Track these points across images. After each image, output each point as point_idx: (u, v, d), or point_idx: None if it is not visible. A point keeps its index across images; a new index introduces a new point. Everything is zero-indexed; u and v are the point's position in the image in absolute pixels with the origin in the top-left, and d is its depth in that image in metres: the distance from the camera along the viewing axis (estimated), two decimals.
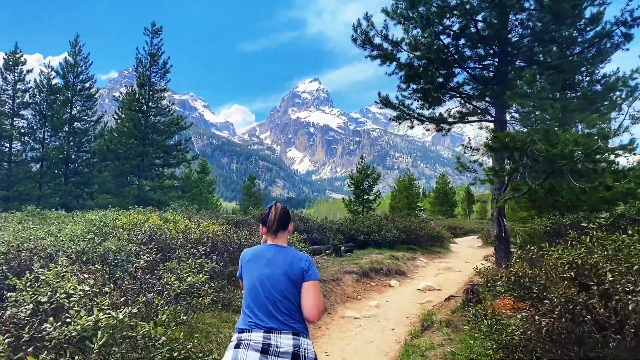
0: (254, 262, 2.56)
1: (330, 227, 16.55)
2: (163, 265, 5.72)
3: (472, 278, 10.68)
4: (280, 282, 2.44)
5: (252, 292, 2.47)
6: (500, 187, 8.73)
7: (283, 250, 2.61)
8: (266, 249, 2.61)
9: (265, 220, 2.73)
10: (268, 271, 2.48)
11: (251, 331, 2.35)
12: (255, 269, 2.52)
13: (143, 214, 10.77)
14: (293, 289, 2.46)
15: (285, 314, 2.39)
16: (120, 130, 25.97)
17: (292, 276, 2.47)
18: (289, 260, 2.53)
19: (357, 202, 42.97)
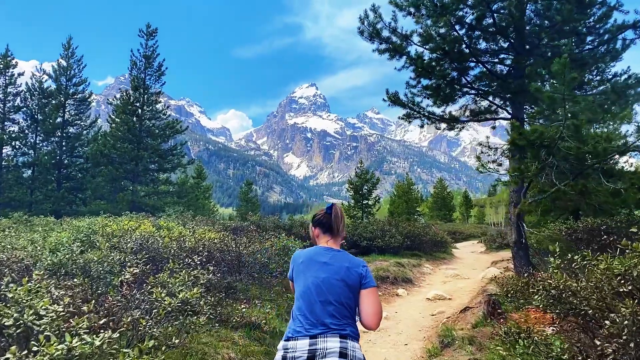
0: (309, 264, 2.47)
1: None
2: (153, 278, 5.08)
3: (485, 287, 10.05)
4: (337, 287, 2.37)
5: (306, 295, 2.39)
6: (519, 189, 8.13)
7: (339, 254, 2.51)
8: (321, 252, 2.52)
9: (320, 221, 2.65)
10: (324, 275, 2.39)
11: (297, 339, 2.28)
12: (310, 271, 2.43)
13: (135, 221, 10.11)
14: (349, 294, 2.39)
15: (337, 318, 2.32)
16: (114, 135, 25.29)
17: (350, 282, 2.39)
18: (346, 265, 2.44)
19: (357, 207, 42.36)
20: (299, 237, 13.44)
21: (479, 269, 15.72)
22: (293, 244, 9.40)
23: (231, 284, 7.22)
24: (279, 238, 9.52)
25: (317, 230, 2.67)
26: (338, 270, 2.41)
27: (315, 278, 2.39)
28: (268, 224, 14.49)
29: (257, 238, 9.16)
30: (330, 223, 2.60)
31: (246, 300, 7.12)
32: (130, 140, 25.29)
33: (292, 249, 8.99)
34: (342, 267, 2.43)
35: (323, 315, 2.31)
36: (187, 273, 5.11)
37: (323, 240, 2.62)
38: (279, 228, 14.23)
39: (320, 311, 2.32)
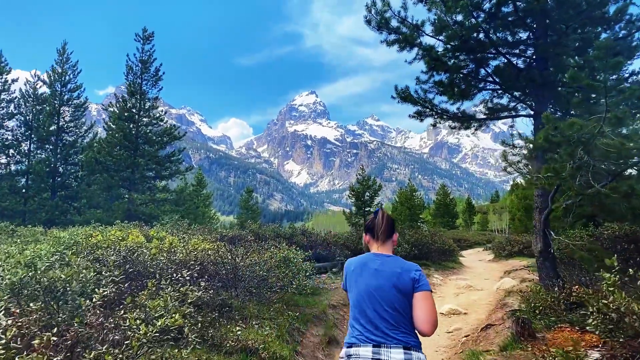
0: (360, 272, 2.43)
1: (335, 242, 15.11)
2: (132, 299, 4.31)
3: (504, 300, 9.24)
4: (389, 294, 2.31)
5: (359, 304, 2.36)
6: (544, 193, 7.35)
7: (390, 259, 2.45)
8: (372, 259, 2.47)
9: (370, 227, 2.60)
10: (375, 282, 2.36)
11: (360, 345, 2.26)
12: (361, 280, 2.40)
13: (123, 230, 9.33)
14: (403, 300, 2.32)
15: (394, 327, 2.27)
16: (110, 141, 24.53)
17: (402, 287, 2.33)
18: (398, 271, 2.38)
19: (359, 214, 41.62)
20: (301, 246, 12.65)
21: (491, 279, 14.90)
22: (294, 254, 8.61)
23: (226, 301, 6.42)
24: (278, 248, 8.74)
25: (367, 236, 2.61)
26: (390, 277, 2.35)
27: (367, 286, 2.35)
28: (268, 232, 13.71)
29: (255, 248, 8.37)
30: (380, 229, 2.52)
31: (242, 319, 6.33)
32: (127, 147, 24.53)
33: (293, 260, 8.20)
34: (394, 272, 2.36)
35: (379, 323, 2.26)
36: (168, 294, 4.33)
37: (374, 247, 2.54)
38: (279, 237, 13.45)
39: (376, 319, 2.28)
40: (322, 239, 14.77)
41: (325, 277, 11.99)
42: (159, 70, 25.89)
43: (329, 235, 15.78)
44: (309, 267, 9.02)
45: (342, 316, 8.28)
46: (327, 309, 8.07)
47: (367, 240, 2.61)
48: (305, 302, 7.88)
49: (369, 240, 2.59)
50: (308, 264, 9.48)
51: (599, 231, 10.78)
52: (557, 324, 6.18)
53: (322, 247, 14.16)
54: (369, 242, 2.60)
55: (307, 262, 9.69)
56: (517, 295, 9.07)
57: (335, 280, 11.22)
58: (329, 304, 8.43)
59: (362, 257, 2.51)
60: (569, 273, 8.67)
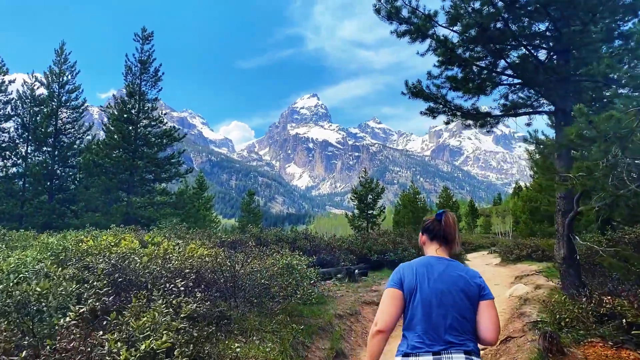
0: (425, 274, 2.28)
1: (340, 246, 14.58)
2: (118, 314, 3.81)
3: (521, 309, 8.69)
4: (458, 299, 2.21)
5: (425, 307, 2.21)
6: (567, 194, 6.82)
7: (454, 264, 2.35)
8: (435, 262, 2.34)
9: (430, 228, 2.48)
10: (442, 286, 2.24)
11: (418, 355, 2.15)
12: (426, 282, 2.25)
13: (116, 235, 8.82)
14: (471, 307, 2.24)
15: (460, 333, 2.18)
16: (108, 143, 24.09)
17: (470, 293, 2.25)
18: (465, 276, 2.29)
19: (361, 217, 41.04)
20: (304, 251, 12.13)
21: (501, 284, 14.33)
22: (298, 261, 8.08)
23: (224, 313, 5.90)
24: (281, 254, 8.21)
25: (424, 237, 2.52)
26: (457, 281, 2.26)
27: (434, 289, 2.24)
28: (269, 237, 13.18)
29: (256, 254, 7.85)
30: (442, 231, 2.41)
31: (242, 333, 5.80)
32: (125, 149, 24.07)
33: (296, 267, 7.67)
34: (461, 277, 2.29)
35: (444, 330, 2.18)
36: (158, 308, 3.81)
37: (432, 249, 2.45)
38: (281, 241, 12.93)
39: (441, 325, 2.19)
40: (325, 243, 14.23)
41: (330, 283, 11.45)
42: (158, 71, 25.46)
43: (332, 240, 15.25)
44: (314, 274, 8.50)
45: (349, 327, 7.74)
46: (333, 320, 7.54)
47: (424, 242, 2.52)
48: (310, 312, 7.35)
49: (425, 242, 2.49)
50: (312, 270, 8.96)
51: (618, 235, 10.26)
52: (587, 338, 5.64)
53: (326, 252, 13.62)
54: (424, 243, 2.51)
55: (311, 268, 9.18)
56: (536, 303, 8.52)
57: (340, 288, 10.67)
58: (335, 314, 7.90)
59: (423, 259, 2.39)
60: (589, 281, 8.13)
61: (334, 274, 12.58)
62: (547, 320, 6.51)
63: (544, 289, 10.37)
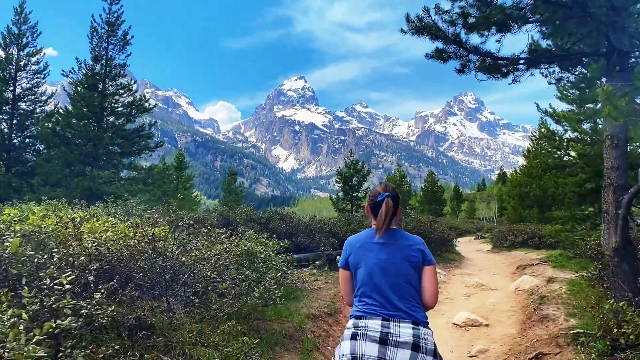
0: (367, 248, 2.40)
1: (321, 228, 12.81)
2: None
3: (539, 309, 7.05)
4: (403, 268, 2.32)
5: (371, 278, 2.31)
6: (621, 164, 5.15)
7: (396, 233, 2.43)
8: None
9: (375, 207, 2.48)
10: (386, 257, 2.33)
11: (369, 318, 2.23)
12: (371, 254, 2.37)
13: (20, 209, 6.93)
14: (415, 274, 2.34)
15: (407, 300, 2.26)
16: (70, 112, 21.81)
17: (413, 260, 2.34)
18: (407, 244, 2.38)
19: (346, 199, 39.54)
20: (279, 233, 10.35)
21: (501, 274, 12.77)
22: (263, 247, 6.29)
23: (144, 320, 4.11)
24: (241, 238, 6.41)
25: (369, 208, 2.56)
26: (401, 250, 2.35)
27: (379, 259, 2.33)
28: (239, 216, 11.34)
29: (206, 238, 6.03)
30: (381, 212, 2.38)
31: (169, 349, 4.04)
32: (89, 118, 21.80)
33: (260, 256, 5.89)
34: (404, 245, 2.37)
35: (392, 297, 2.24)
36: None
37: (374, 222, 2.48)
38: (252, 221, 11.12)
39: (389, 292, 2.26)
40: (304, 225, 12.43)
41: (306, 272, 9.72)
42: (127, 34, 23.03)
43: (313, 221, 13.45)
44: (284, 264, 6.74)
45: (325, 331, 6.01)
46: (306, 322, 5.80)
47: (369, 213, 2.55)
48: (275, 313, 5.60)
49: (370, 214, 2.54)
50: (283, 257, 7.19)
51: None
52: None
53: (305, 235, 11.86)
54: (369, 214, 2.56)
55: (282, 255, 7.40)
56: (558, 303, 6.89)
57: (318, 278, 8.93)
58: (309, 314, 6.16)
59: (366, 232, 2.49)
60: None
61: (312, 260, 10.86)
62: (591, 331, 4.84)
63: (559, 282, 8.78)
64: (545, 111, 12.43)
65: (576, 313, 6.10)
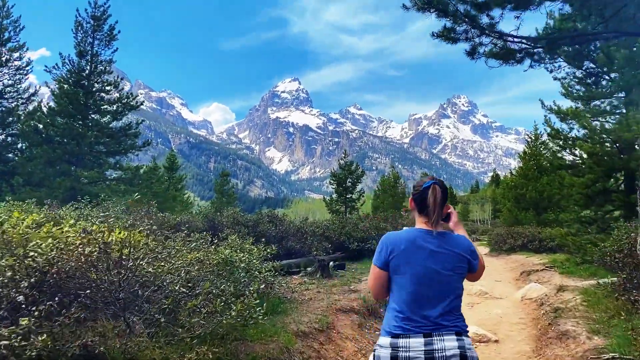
0: (413, 251, 2.09)
1: (313, 231, 12.05)
2: None
3: (556, 323, 6.34)
4: (452, 280, 2.08)
5: (416, 289, 2.06)
6: None
7: (447, 238, 2.13)
8: (426, 236, 2.12)
9: (421, 197, 2.21)
10: (434, 266, 2.06)
11: (409, 337, 2.00)
12: (416, 261, 2.08)
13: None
14: (462, 286, 2.13)
15: (451, 313, 2.06)
16: (53, 109, 20.93)
17: (462, 271, 2.11)
18: (457, 252, 2.10)
19: (340, 201, 38.86)
20: (267, 237, 9.58)
21: (504, 281, 12.07)
22: (245, 254, 5.53)
23: (92, 347, 3.34)
24: (220, 244, 5.65)
25: (413, 204, 2.27)
26: (450, 259, 2.08)
27: (426, 269, 2.06)
28: (225, 219, 10.54)
29: (182, 244, 5.26)
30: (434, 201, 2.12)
31: None
32: (73, 116, 20.93)
33: (241, 265, 5.13)
34: (454, 254, 2.10)
35: (435, 313, 2.03)
36: None
37: (420, 220, 2.21)
38: (239, 225, 10.33)
39: (433, 308, 2.04)
40: (295, 228, 11.65)
41: (296, 279, 8.96)
42: (113, 29, 22.17)
43: (304, 224, 12.67)
44: (271, 274, 5.99)
45: (316, 351, 5.25)
46: (294, 342, 5.05)
47: (413, 208, 2.26)
48: (258, 333, 4.84)
49: (414, 209, 2.25)
50: (270, 265, 6.44)
51: None
52: None
53: (296, 239, 11.10)
54: (413, 210, 2.26)
55: (269, 262, 6.65)
56: (578, 317, 6.18)
57: (310, 286, 8.17)
58: (297, 331, 5.41)
59: (411, 233, 2.16)
60: None
61: (303, 266, 10.10)
62: (628, 356, 4.12)
63: (571, 291, 8.08)
64: (550, 108, 11.79)
65: (599, 329, 5.40)
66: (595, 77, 11.43)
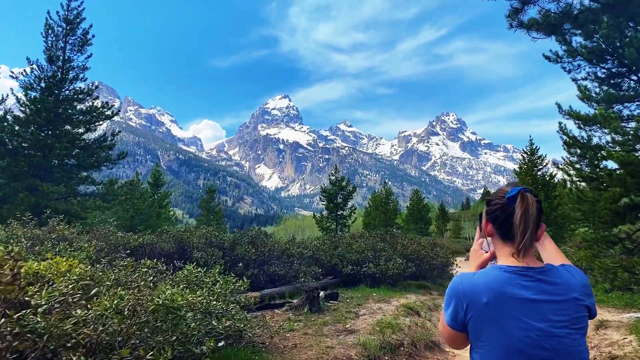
0: (504, 306, 1.27)
1: (301, 253, 10.41)
2: None
3: None
4: (569, 343, 1.23)
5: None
6: None
7: (550, 275, 1.31)
8: (518, 279, 1.29)
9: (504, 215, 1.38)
10: (540, 324, 1.24)
11: None
12: (510, 318, 1.26)
13: None
14: (586, 348, 1.28)
15: None
16: (19, 118, 19.23)
17: (582, 325, 1.28)
18: (573, 297, 1.28)
19: (330, 217, 37.39)
20: (246, 262, 7.94)
21: None
22: (200, 293, 3.93)
23: None
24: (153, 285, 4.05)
25: (489, 227, 1.44)
26: (563, 309, 1.25)
27: (527, 331, 1.23)
28: (196, 239, 8.87)
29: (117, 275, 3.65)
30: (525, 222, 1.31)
31: None
32: (41, 125, 19.25)
33: (185, 315, 3.52)
34: (567, 301, 1.27)
35: None
36: None
37: (505, 251, 1.37)
38: (212, 247, 8.70)
39: None
40: (280, 250, 10.00)
41: (279, 313, 7.30)
42: (87, 33, 20.59)
43: (291, 245, 10.97)
44: (240, 316, 4.38)
45: None
46: None
47: (490, 234, 1.43)
48: None
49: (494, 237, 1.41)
50: (244, 300, 4.83)
51: None
52: None
53: (280, 263, 9.46)
54: (491, 235, 1.42)
55: (241, 293, 5.05)
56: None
57: (296, 325, 6.52)
58: None
59: (496, 277, 1.30)
60: None
61: (288, 296, 8.47)
62: None
63: (616, 328, 6.54)
64: (569, 112, 10.42)
65: None
66: (620, 77, 10.13)
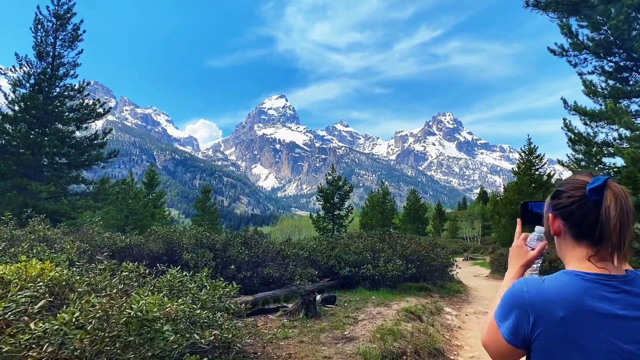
0: (584, 323, 1.01)
1: (296, 254, 9.97)
2: None
3: None
4: None
5: None
6: None
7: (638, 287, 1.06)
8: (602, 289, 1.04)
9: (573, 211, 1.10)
10: (630, 346, 1.00)
11: None
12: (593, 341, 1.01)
13: None
14: None
15: None
16: (7, 115, 18.73)
17: None
18: None
19: (327, 217, 37.02)
20: (239, 264, 7.50)
21: None
22: (182, 301, 3.49)
23: None
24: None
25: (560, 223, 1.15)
26: None
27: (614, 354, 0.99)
28: (185, 240, 8.43)
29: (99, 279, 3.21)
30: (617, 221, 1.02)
31: None
32: (29, 122, 18.74)
33: (161, 328, 3.07)
34: None
35: None
36: None
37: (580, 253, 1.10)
38: (203, 248, 8.27)
39: None
40: (275, 251, 9.56)
41: (273, 318, 6.86)
42: (78, 28, 20.11)
43: (286, 246, 10.51)
44: (229, 324, 3.95)
45: None
46: None
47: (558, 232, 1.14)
48: None
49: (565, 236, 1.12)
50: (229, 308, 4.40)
51: None
52: None
53: (275, 264, 9.04)
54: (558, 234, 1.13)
55: (227, 297, 4.61)
56: None
57: (291, 332, 6.08)
58: None
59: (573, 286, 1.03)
60: None
61: (283, 300, 8.04)
62: None
63: None
64: (575, 108, 10.04)
65: None
66: (627, 71, 9.75)
